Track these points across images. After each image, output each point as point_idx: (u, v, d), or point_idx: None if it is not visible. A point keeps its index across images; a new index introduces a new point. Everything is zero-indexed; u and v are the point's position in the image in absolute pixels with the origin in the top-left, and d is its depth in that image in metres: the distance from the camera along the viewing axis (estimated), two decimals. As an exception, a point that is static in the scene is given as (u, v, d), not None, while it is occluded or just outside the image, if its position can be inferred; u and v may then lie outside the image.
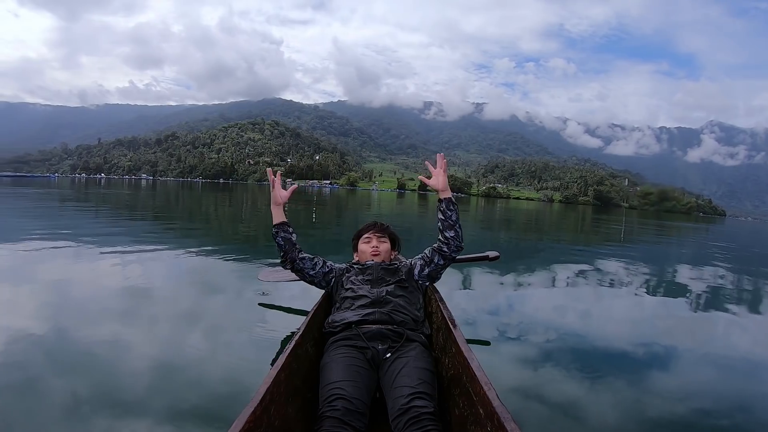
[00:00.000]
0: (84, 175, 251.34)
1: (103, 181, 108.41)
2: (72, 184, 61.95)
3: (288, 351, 2.49)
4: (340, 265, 3.58)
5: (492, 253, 5.93)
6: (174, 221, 17.52)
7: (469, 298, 6.68)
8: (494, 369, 3.59)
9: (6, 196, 28.05)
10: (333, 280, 3.46)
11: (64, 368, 3.51)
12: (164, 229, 14.48)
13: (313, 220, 20.46)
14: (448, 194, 3.37)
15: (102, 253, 8.37)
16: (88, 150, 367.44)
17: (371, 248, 3.66)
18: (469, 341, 2.66)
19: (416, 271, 3.42)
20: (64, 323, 4.55)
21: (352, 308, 3.08)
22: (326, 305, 3.51)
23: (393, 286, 3.23)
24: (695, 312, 7.12)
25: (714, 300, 8.03)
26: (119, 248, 8.87)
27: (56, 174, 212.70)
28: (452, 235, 3.35)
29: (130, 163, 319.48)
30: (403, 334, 2.83)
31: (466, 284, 7.53)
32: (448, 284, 6.71)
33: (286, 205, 3.55)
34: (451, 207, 3.34)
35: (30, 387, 3.14)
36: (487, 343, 4.68)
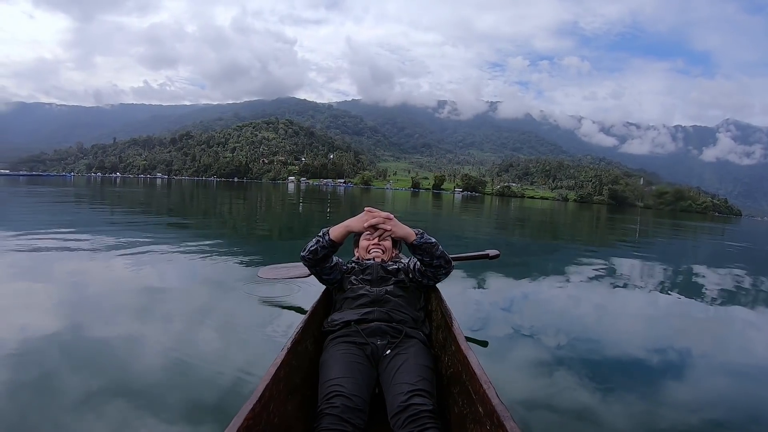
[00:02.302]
0: (99, 174, 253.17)
1: (118, 180, 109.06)
2: (88, 183, 62.52)
3: (287, 348, 2.48)
4: (344, 264, 3.50)
5: (492, 252, 5.78)
6: (187, 220, 17.61)
7: (472, 296, 6.61)
8: (494, 368, 3.65)
9: (23, 194, 28.36)
10: (338, 283, 3.38)
11: (67, 361, 3.58)
12: (176, 227, 14.55)
13: (327, 218, 20.46)
14: (411, 237, 3.01)
15: (113, 251, 8.40)
16: (104, 149, 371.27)
17: (373, 245, 3.65)
18: (468, 339, 2.68)
19: (412, 270, 3.34)
20: (70, 319, 4.62)
21: (351, 308, 3.06)
22: (326, 303, 3.48)
23: (392, 286, 3.21)
24: (710, 315, 6.94)
25: (730, 302, 7.84)
26: (130, 246, 8.89)
27: (72, 173, 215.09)
28: (432, 271, 3.17)
29: (145, 162, 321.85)
30: (402, 331, 2.84)
31: (469, 283, 7.43)
32: (449, 282, 6.65)
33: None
34: (418, 252, 3.08)
35: (43, 380, 3.22)
36: (485, 343, 4.64)
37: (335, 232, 3.05)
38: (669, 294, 8.12)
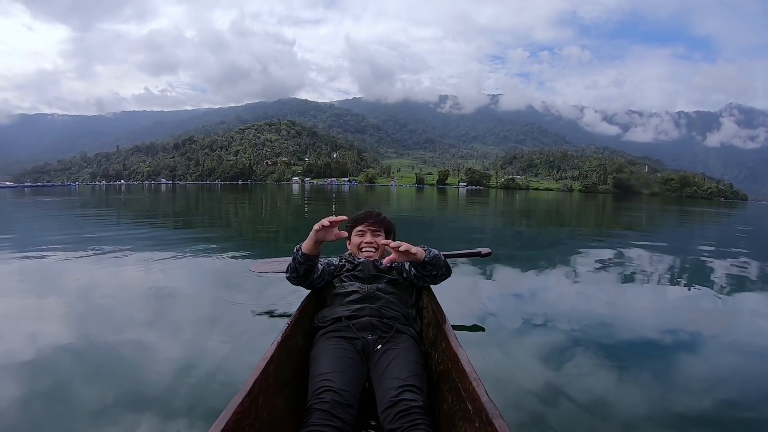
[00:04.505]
0: (104, 182, 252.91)
1: (123, 187, 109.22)
2: (93, 192, 62.59)
3: (277, 343, 2.49)
4: (334, 261, 3.54)
5: (484, 250, 5.85)
6: (192, 224, 17.54)
7: (468, 289, 6.57)
8: (489, 361, 3.76)
9: (29, 205, 28.69)
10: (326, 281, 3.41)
11: (76, 366, 3.63)
12: (181, 231, 14.48)
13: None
14: (422, 256, 3.04)
15: (119, 257, 8.43)
16: (107, 157, 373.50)
17: (365, 243, 3.60)
18: (459, 328, 2.64)
19: (407, 270, 3.38)
20: (79, 326, 4.67)
21: (342, 304, 3.06)
22: (316, 298, 3.46)
23: (384, 283, 3.21)
24: (720, 298, 6.79)
25: (739, 285, 7.77)
26: (135, 252, 8.97)
27: (76, 182, 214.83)
28: (431, 279, 3.28)
29: (149, 168, 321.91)
30: (392, 326, 2.83)
31: (467, 276, 7.41)
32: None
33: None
34: (428, 267, 3.12)
35: (55, 388, 3.24)
36: (481, 328, 4.67)
37: (306, 245, 3.03)
38: (677, 280, 8.08)
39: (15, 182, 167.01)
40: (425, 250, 3.06)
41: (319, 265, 3.28)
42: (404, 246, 2.91)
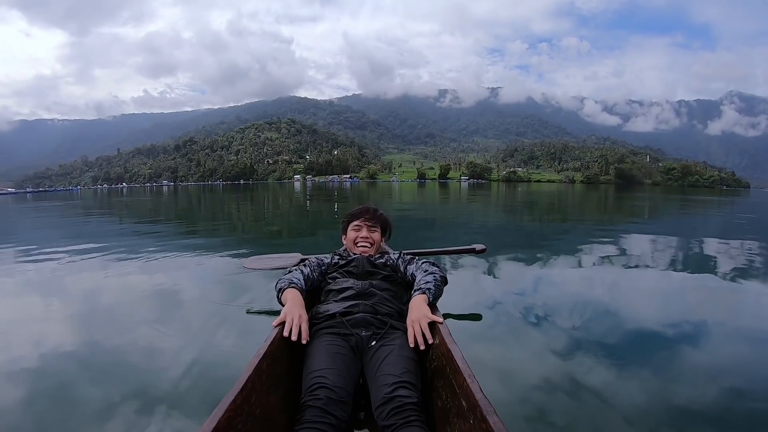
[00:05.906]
0: (105, 185, 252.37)
1: (124, 190, 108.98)
2: (94, 196, 62.56)
3: (270, 340, 2.48)
4: (326, 258, 3.59)
5: (479, 246, 5.94)
6: (195, 225, 17.42)
7: (469, 282, 6.53)
8: (487, 356, 3.72)
9: (31, 210, 28.59)
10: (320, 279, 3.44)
11: (81, 368, 3.63)
12: (183, 233, 14.29)
13: (335, 215, 20.37)
14: (427, 306, 2.91)
15: (122, 260, 8.38)
16: (108, 161, 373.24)
17: (361, 238, 3.65)
18: (458, 317, 2.66)
19: (402, 272, 3.43)
20: (82, 328, 4.68)
21: (336, 300, 3.06)
22: (310, 295, 3.42)
23: (378, 279, 3.23)
24: (724, 286, 6.74)
25: (744, 273, 7.65)
26: (137, 254, 8.87)
27: (78, 187, 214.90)
28: None
29: (150, 170, 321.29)
30: (387, 322, 2.82)
31: (467, 269, 7.37)
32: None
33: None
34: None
35: (60, 389, 3.26)
36: (477, 321, 4.66)
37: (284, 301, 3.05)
38: (681, 269, 8.04)
39: (17, 188, 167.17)
40: (426, 294, 3.01)
41: (308, 273, 3.38)
42: (421, 326, 2.72)
